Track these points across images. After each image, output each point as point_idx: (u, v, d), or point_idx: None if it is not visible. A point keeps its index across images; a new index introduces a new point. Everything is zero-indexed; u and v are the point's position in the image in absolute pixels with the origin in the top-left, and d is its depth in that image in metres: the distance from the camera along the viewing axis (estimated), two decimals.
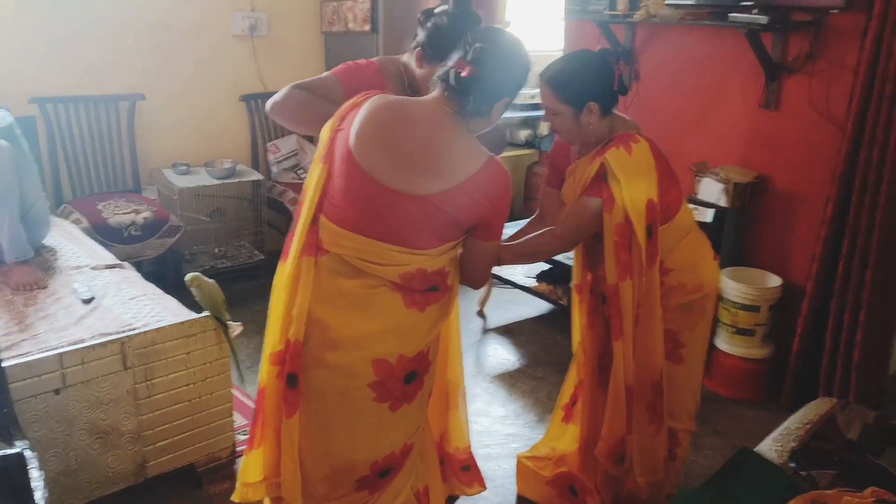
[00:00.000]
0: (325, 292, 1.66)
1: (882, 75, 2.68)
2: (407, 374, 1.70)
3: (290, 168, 4.51)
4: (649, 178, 1.99)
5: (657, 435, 2.15)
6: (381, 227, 1.61)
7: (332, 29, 4.50)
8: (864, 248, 2.80)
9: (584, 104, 1.99)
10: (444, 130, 1.63)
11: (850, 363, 2.89)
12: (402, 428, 1.76)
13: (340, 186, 1.64)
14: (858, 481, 1.93)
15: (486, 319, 4.03)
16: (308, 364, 1.68)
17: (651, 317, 2.05)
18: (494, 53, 1.63)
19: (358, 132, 1.62)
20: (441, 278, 1.71)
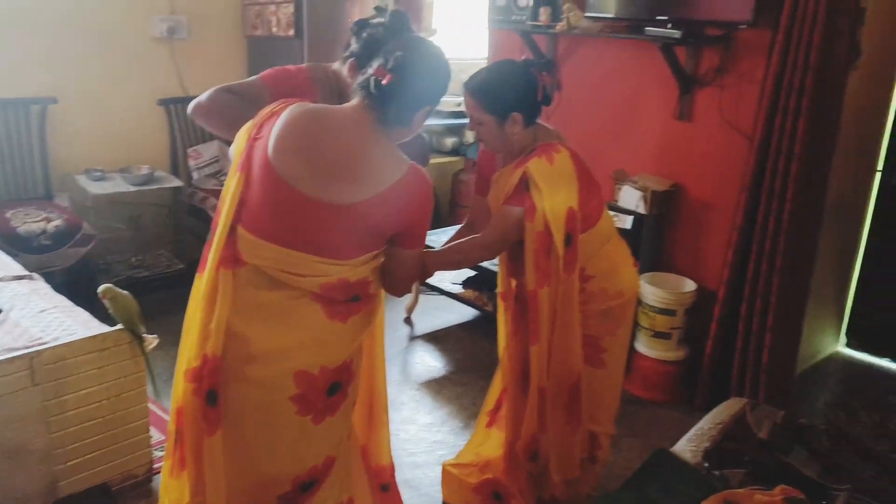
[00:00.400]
0: (243, 305, 1.62)
1: (787, 88, 2.82)
2: (330, 385, 1.67)
3: (211, 174, 4.40)
4: (570, 187, 2.04)
5: (573, 435, 2.19)
6: (300, 238, 1.59)
7: (255, 33, 4.42)
8: (772, 253, 2.93)
9: (507, 114, 2.02)
10: (364, 139, 1.62)
11: (759, 364, 3.01)
12: (325, 440, 1.73)
13: (258, 196, 1.61)
14: (768, 479, 2.01)
15: (413, 327, 4.03)
16: (227, 379, 1.63)
17: (568, 322, 2.09)
18: (415, 61, 1.63)
19: (276, 141, 1.59)
20: (363, 288, 1.69)
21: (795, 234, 2.89)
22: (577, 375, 2.14)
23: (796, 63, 2.78)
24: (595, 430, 2.31)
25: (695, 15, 3.01)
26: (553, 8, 3.48)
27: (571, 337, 2.11)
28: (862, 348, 3.75)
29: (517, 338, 2.29)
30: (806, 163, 2.81)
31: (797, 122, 2.80)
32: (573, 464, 2.24)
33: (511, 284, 2.32)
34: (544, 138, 2.10)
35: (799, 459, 2.17)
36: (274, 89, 1.98)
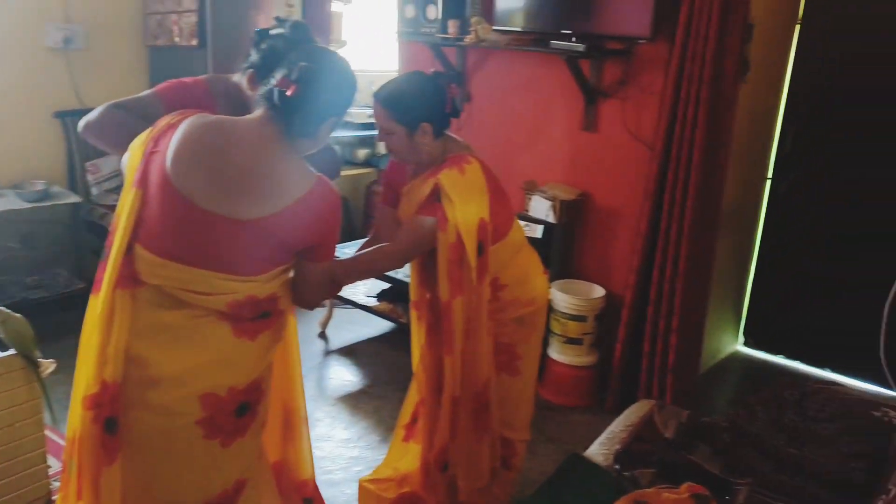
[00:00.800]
0: (144, 327, 1.55)
1: (684, 100, 2.95)
2: (238, 406, 1.62)
3: (112, 189, 4.22)
4: (481, 198, 2.06)
5: (480, 443, 2.21)
6: (204, 255, 1.54)
7: (156, 43, 4.28)
8: (674, 258, 3.05)
9: (417, 125, 2.03)
10: (269, 151, 1.58)
11: (665, 366, 3.13)
12: (235, 463, 1.68)
13: (157, 213, 1.55)
14: (675, 477, 2.08)
15: (327, 341, 3.97)
16: (128, 405, 1.56)
17: (479, 330, 2.12)
18: (319, 72, 1.61)
19: (175, 154, 1.54)
20: (273, 304, 1.65)
21: (696, 240, 3.02)
22: (486, 383, 2.16)
23: (692, 76, 2.91)
24: (511, 437, 2.34)
25: (597, 29, 3.11)
26: (462, 21, 3.52)
27: (481, 343, 2.13)
28: (758, 347, 3.96)
29: (433, 350, 2.30)
30: (703, 171, 2.95)
31: (694, 133, 2.93)
32: (482, 472, 2.25)
33: (424, 294, 2.33)
34: (454, 150, 2.12)
35: (703, 457, 2.26)
36: (169, 103, 1.92)
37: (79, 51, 4.11)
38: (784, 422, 2.16)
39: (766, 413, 2.20)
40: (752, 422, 2.19)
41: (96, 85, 4.20)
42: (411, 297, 2.39)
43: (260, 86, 1.88)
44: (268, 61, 1.87)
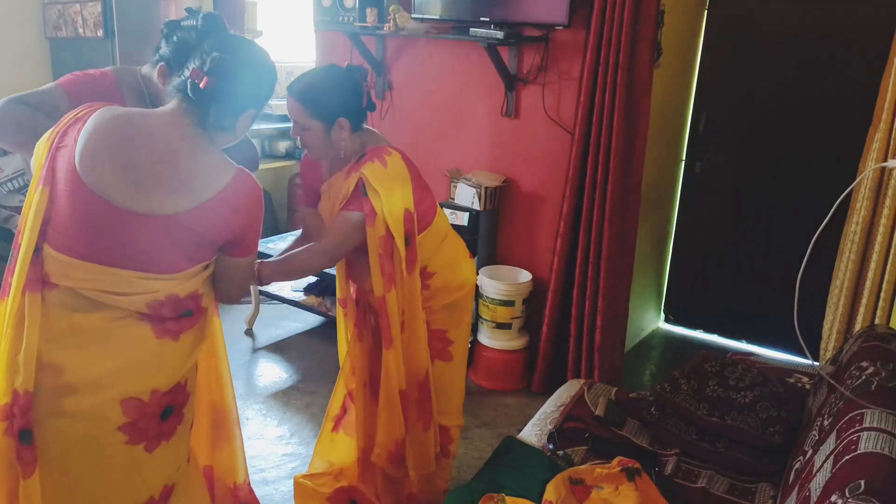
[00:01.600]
0: (56, 331, 1.47)
1: (602, 85, 3.01)
2: (163, 410, 1.57)
3: (15, 190, 4.00)
4: (405, 188, 2.06)
5: (426, 431, 2.22)
6: (118, 253, 1.47)
7: (58, 34, 4.07)
8: (598, 240, 3.12)
9: (334, 119, 2.00)
10: (185, 144, 1.52)
11: (592, 346, 3.20)
12: (161, 468, 1.62)
13: (66, 211, 1.48)
14: (607, 453, 2.14)
15: (255, 338, 3.89)
16: (43, 416, 1.47)
17: (414, 319, 2.12)
18: (234, 63, 1.56)
19: (84, 148, 1.46)
20: (195, 302, 1.60)
21: (618, 222, 3.09)
22: (425, 371, 2.17)
23: (608, 62, 2.97)
24: (446, 424, 2.35)
25: (515, 17, 3.14)
26: (380, 9, 3.49)
27: (418, 334, 2.14)
28: (679, 323, 4.11)
29: (362, 343, 2.28)
30: (622, 155, 3.02)
31: (612, 117, 3.00)
32: (429, 459, 2.27)
33: (350, 289, 2.31)
34: (372, 142, 2.10)
35: (632, 431, 2.34)
36: (75, 96, 1.85)
37: None
38: (706, 392, 2.24)
39: (688, 385, 2.28)
40: (676, 394, 2.26)
41: None
42: (338, 294, 2.37)
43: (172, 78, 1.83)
44: (180, 53, 1.82)
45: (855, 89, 3.25)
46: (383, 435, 2.19)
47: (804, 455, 1.90)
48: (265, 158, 4.76)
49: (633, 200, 3.12)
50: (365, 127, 2.11)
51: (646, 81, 2.98)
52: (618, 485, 1.92)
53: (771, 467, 2.11)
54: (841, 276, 2.88)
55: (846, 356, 2.16)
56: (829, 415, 1.89)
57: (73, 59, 4.01)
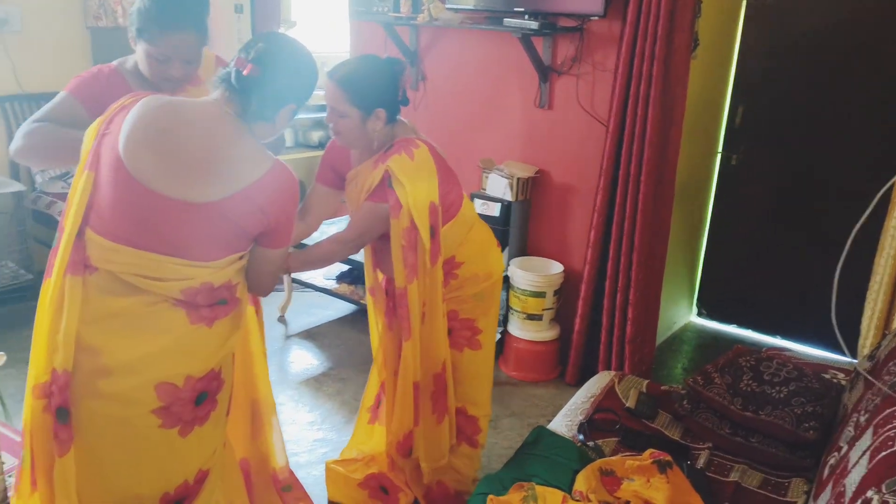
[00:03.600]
0: (94, 314, 1.51)
1: (637, 77, 2.98)
2: (197, 395, 1.59)
3: (57, 177, 4.09)
4: (430, 181, 2.06)
5: (440, 423, 2.22)
6: (157, 239, 1.50)
7: (98, 24, 4.14)
8: (630, 232, 3.10)
9: (372, 109, 2.01)
10: (225, 133, 1.55)
11: (623, 338, 3.19)
12: (195, 453, 1.65)
13: (109, 196, 1.51)
14: (638, 445, 2.14)
15: (287, 325, 3.94)
16: (80, 396, 1.51)
17: (434, 312, 2.13)
18: (278, 55, 1.59)
19: (128, 136, 1.50)
20: (229, 291, 1.62)
21: (651, 214, 3.07)
22: (443, 364, 2.18)
23: (644, 53, 2.94)
24: (474, 414, 2.36)
25: (550, 7, 3.12)
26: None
27: (437, 326, 2.14)
28: (712, 317, 4.07)
29: (392, 332, 2.30)
30: (657, 146, 3.00)
31: (647, 109, 2.97)
32: (442, 451, 2.27)
33: (378, 278, 2.33)
34: (401, 134, 2.10)
35: (663, 423, 2.33)
36: (85, 99, 1.92)
37: (15, 33, 3.95)
38: (740, 387, 2.22)
39: (722, 379, 2.26)
40: (710, 388, 2.25)
41: (36, 68, 4.05)
42: (366, 282, 2.39)
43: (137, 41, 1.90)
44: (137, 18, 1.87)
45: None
46: (395, 424, 2.22)
47: (839, 451, 1.87)
48: (298, 148, 4.79)
49: (667, 193, 3.09)
50: (398, 118, 2.12)
51: (682, 73, 2.94)
52: (649, 477, 1.91)
53: (805, 462, 2.09)
54: (880, 272, 2.82)
55: (884, 352, 2.13)
56: (866, 411, 1.86)
57: (112, 47, 4.08)
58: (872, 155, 3.31)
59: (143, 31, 1.87)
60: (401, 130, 2.11)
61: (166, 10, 1.84)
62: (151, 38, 1.87)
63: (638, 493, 1.87)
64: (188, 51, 1.91)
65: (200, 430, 1.62)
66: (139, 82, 1.99)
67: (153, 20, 1.84)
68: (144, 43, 1.88)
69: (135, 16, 1.88)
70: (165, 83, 1.96)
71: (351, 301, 3.86)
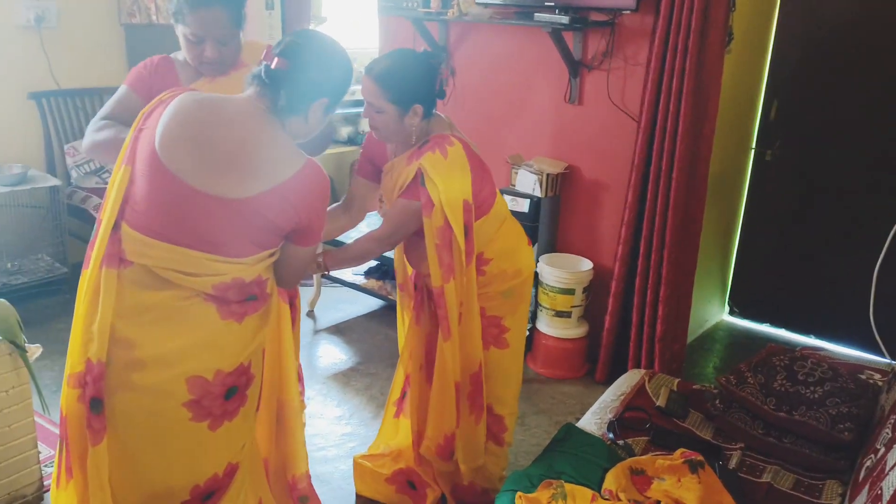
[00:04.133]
0: (128, 308, 1.53)
1: (669, 71, 2.94)
2: (227, 389, 1.60)
3: (92, 172, 4.16)
4: (463, 179, 2.04)
5: (477, 424, 2.21)
6: (191, 235, 1.52)
7: (132, 21, 4.19)
8: (662, 229, 3.07)
9: (410, 106, 1.99)
10: (259, 130, 1.56)
11: (654, 336, 3.15)
12: (224, 447, 1.66)
13: (144, 190, 1.53)
14: (669, 444, 2.11)
15: (316, 320, 3.96)
16: (113, 387, 1.54)
17: (470, 312, 2.12)
18: (306, 48, 1.60)
19: (164, 131, 1.51)
20: (259, 287, 1.63)
21: (683, 210, 3.03)
22: (479, 363, 2.16)
23: (677, 47, 2.90)
24: (500, 413, 2.34)
25: (581, 1, 3.09)
26: None
27: (473, 326, 2.13)
28: (744, 315, 4.00)
29: (419, 327, 2.30)
30: (689, 142, 2.96)
31: (680, 104, 2.93)
32: (479, 451, 2.26)
33: (408, 273, 2.33)
34: (437, 129, 2.09)
35: (695, 423, 2.30)
36: (140, 90, 2.01)
37: (52, 29, 4.02)
38: (773, 386, 2.18)
39: (755, 378, 2.22)
40: (743, 387, 2.21)
41: (71, 64, 4.12)
42: (397, 278, 2.39)
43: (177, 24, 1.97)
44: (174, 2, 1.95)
45: None
46: (433, 428, 2.20)
47: (876, 453, 1.83)
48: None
49: (699, 189, 3.05)
50: (434, 112, 2.11)
51: (716, 67, 2.90)
52: (680, 477, 1.88)
53: (840, 464, 2.05)
54: None
55: None
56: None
57: (146, 44, 4.13)
58: None
59: (177, 13, 1.95)
60: (437, 125, 2.10)
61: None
62: (184, 18, 1.94)
63: (668, 493, 1.84)
64: (219, 29, 1.96)
65: (230, 424, 1.63)
66: (188, 72, 2.05)
67: (185, 1, 1.92)
68: (181, 25, 1.96)
69: (173, 1, 1.95)
70: (205, 67, 2.02)
71: (379, 296, 3.87)
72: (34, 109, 4.06)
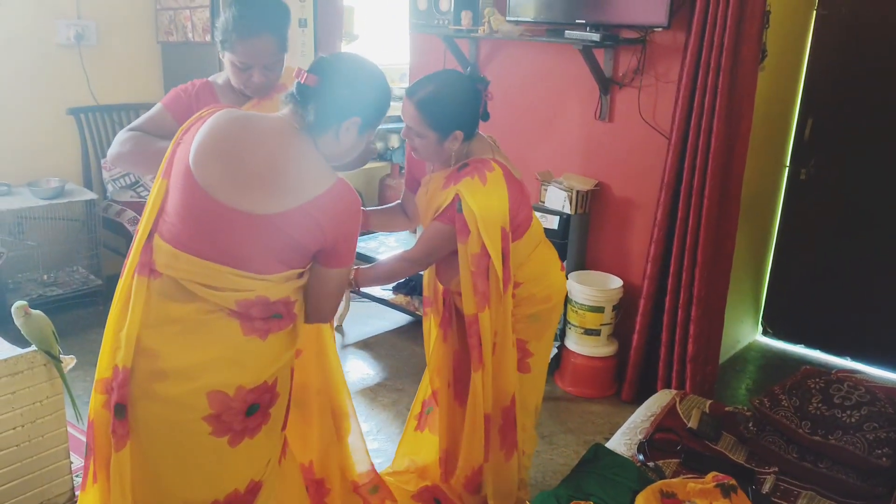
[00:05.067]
0: (155, 318, 1.55)
1: (702, 88, 2.92)
2: (248, 406, 1.59)
3: (128, 186, 4.23)
4: (501, 207, 2.00)
5: (508, 460, 2.16)
6: (217, 249, 1.52)
7: (169, 39, 4.28)
8: (693, 247, 3.03)
9: (451, 131, 1.97)
10: (289, 147, 1.56)
11: (685, 356, 3.10)
12: (245, 463, 1.64)
13: (176, 203, 1.55)
14: (700, 467, 2.08)
15: (344, 334, 3.98)
16: (136, 396, 1.55)
17: (505, 342, 2.08)
18: (337, 65, 1.60)
19: (198, 146, 1.54)
20: (286, 307, 1.62)
21: (715, 228, 2.99)
22: (512, 398, 2.12)
23: (709, 64, 2.88)
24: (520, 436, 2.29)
25: (612, 18, 3.08)
26: (474, 12, 3.50)
27: (508, 358, 2.09)
28: (778, 336, 3.93)
29: (446, 344, 2.28)
30: (721, 160, 2.92)
31: (712, 121, 2.90)
32: (511, 490, 2.22)
33: (438, 289, 2.32)
34: (479, 151, 2.05)
35: (727, 446, 2.25)
36: (175, 111, 2.05)
37: (91, 47, 4.12)
38: (808, 410, 2.13)
39: (790, 401, 2.18)
40: (777, 410, 2.16)
41: (109, 81, 4.22)
42: (424, 293, 2.38)
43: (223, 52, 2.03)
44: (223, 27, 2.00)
45: None
46: (463, 459, 2.17)
47: None
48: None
49: (731, 207, 3.01)
50: (477, 133, 2.08)
51: (749, 84, 2.87)
52: (712, 501, 1.85)
53: (877, 490, 1.99)
54: None
55: None
56: None
57: (182, 62, 4.21)
58: None
59: (225, 41, 1.99)
60: (478, 147, 2.06)
61: (244, 19, 1.96)
62: (232, 47, 1.98)
63: None
64: (267, 56, 2.01)
65: (251, 441, 1.62)
66: (230, 95, 2.09)
67: (234, 30, 1.96)
68: (228, 52, 2.00)
69: (220, 29, 2.00)
70: (251, 91, 2.07)
71: (407, 312, 3.87)
72: (73, 125, 4.15)
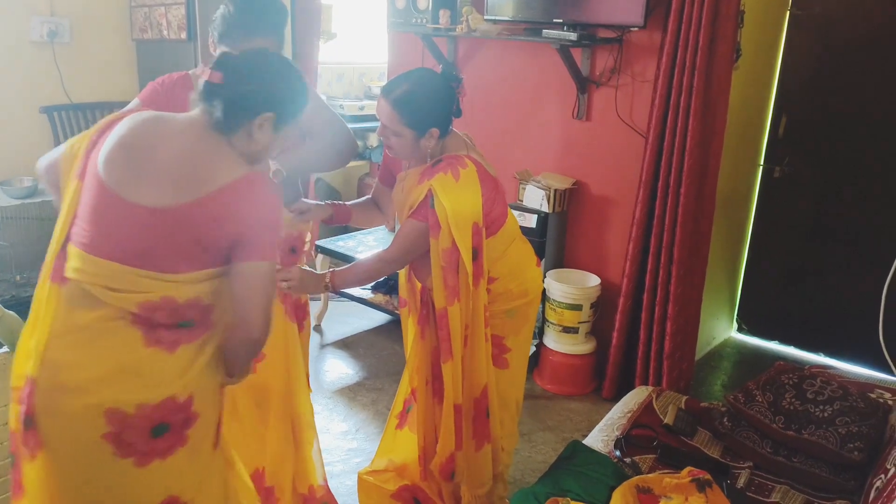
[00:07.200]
0: (61, 327, 1.47)
1: (677, 88, 2.95)
2: (154, 426, 1.46)
3: None
4: (474, 203, 2.01)
5: (479, 450, 2.18)
6: (121, 248, 1.45)
7: (144, 36, 4.24)
8: (670, 245, 3.06)
9: (427, 129, 1.98)
10: (196, 143, 1.51)
11: (661, 352, 3.14)
12: (158, 482, 1.51)
13: (85, 204, 1.49)
14: (676, 463, 2.10)
15: (322, 334, 3.96)
16: (40, 410, 1.46)
17: (477, 336, 2.09)
18: (243, 62, 1.55)
19: (107, 146, 1.50)
20: (199, 313, 1.51)
21: (691, 227, 3.02)
22: (483, 388, 2.13)
23: (685, 64, 2.91)
24: None
25: (589, 18, 3.10)
26: (453, 11, 3.50)
27: (479, 350, 2.10)
28: (752, 333, 3.98)
29: (424, 341, 2.28)
30: (697, 158, 2.95)
31: (688, 120, 2.93)
32: (485, 478, 2.23)
33: (416, 287, 2.32)
34: (453, 147, 2.06)
35: (703, 441, 2.28)
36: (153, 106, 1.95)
37: (64, 44, 4.07)
38: (782, 405, 2.16)
39: (764, 397, 2.21)
40: (751, 405, 2.19)
41: (83, 79, 4.16)
42: (400, 292, 2.38)
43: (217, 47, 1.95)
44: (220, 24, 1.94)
45: None
46: (440, 445, 2.19)
47: (886, 473, 1.81)
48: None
49: (707, 205, 3.05)
50: (451, 130, 2.09)
51: (724, 83, 2.90)
52: (687, 496, 1.87)
53: (849, 484, 2.02)
54: None
55: None
56: None
57: (158, 60, 4.17)
58: None
59: (225, 35, 1.91)
60: (453, 144, 2.07)
61: (252, 16, 1.91)
62: (233, 42, 1.90)
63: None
64: None
65: (162, 462, 1.49)
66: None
67: (238, 25, 1.90)
68: (226, 47, 1.91)
69: (218, 21, 1.93)
70: None
71: (386, 311, 3.86)
72: (46, 123, 4.09)
